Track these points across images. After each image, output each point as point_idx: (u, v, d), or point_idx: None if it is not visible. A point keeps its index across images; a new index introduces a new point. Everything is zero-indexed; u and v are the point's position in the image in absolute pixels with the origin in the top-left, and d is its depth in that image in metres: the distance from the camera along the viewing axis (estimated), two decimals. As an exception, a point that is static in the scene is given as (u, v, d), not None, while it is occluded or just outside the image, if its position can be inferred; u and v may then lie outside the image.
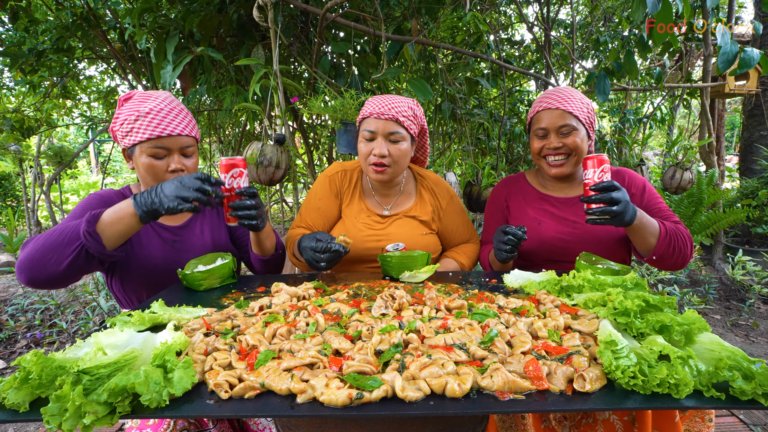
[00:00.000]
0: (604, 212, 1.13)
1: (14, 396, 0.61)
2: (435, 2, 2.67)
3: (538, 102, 1.46)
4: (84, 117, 4.70)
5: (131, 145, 1.21)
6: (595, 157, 1.17)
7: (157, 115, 1.20)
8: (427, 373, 0.65)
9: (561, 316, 0.85)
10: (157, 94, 1.25)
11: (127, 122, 1.20)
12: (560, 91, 1.44)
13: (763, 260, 3.61)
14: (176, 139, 1.23)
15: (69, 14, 2.66)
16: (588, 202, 1.16)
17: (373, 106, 1.43)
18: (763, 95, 4.33)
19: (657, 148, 9.62)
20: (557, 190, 1.54)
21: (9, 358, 2.63)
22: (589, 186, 1.16)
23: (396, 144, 1.42)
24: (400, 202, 1.58)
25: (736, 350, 0.66)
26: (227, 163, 1.17)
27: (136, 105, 1.21)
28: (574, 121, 1.39)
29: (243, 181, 1.19)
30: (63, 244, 1.02)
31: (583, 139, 1.41)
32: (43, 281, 1.04)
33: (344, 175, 1.58)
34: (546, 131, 1.42)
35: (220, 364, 0.71)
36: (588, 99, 1.45)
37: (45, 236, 1.05)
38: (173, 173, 1.24)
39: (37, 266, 1.02)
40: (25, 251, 1.05)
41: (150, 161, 1.21)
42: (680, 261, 1.28)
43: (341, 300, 1.03)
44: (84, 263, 1.05)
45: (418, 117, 1.47)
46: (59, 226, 1.07)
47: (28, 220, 5.07)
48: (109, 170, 10.56)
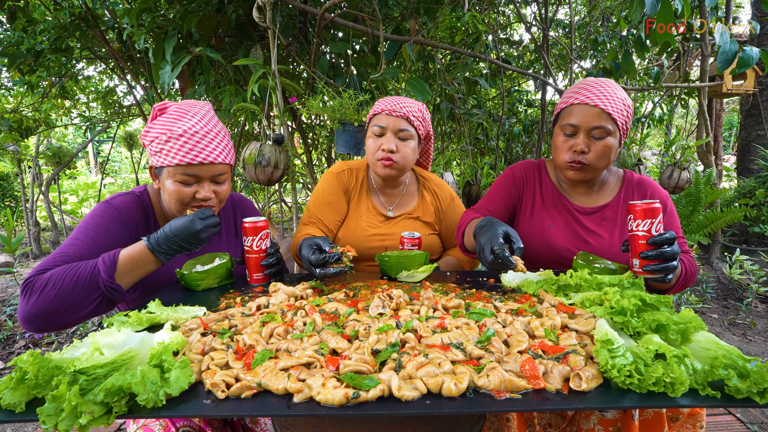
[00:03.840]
0: (665, 270, 1.01)
1: (11, 396, 0.61)
2: (433, 2, 2.68)
3: (574, 92, 1.27)
4: (82, 117, 4.69)
5: (160, 166, 1.12)
6: (649, 205, 1.03)
7: (190, 138, 1.09)
8: (423, 373, 0.66)
9: (558, 316, 0.86)
10: (195, 110, 1.14)
11: (157, 141, 1.10)
12: (601, 85, 1.25)
13: (761, 259, 3.62)
14: (208, 167, 1.13)
15: (67, 14, 2.66)
16: (647, 259, 1.03)
17: (384, 103, 1.46)
18: (761, 95, 4.34)
19: (655, 147, 9.63)
20: (574, 195, 1.41)
21: (7, 358, 2.62)
22: (648, 240, 1.03)
23: (404, 142, 1.44)
24: (404, 203, 1.60)
25: (732, 349, 0.67)
26: (252, 226, 1.18)
27: (170, 123, 1.10)
28: (610, 124, 1.22)
29: (267, 241, 1.20)
30: (81, 295, 0.96)
31: (614, 147, 1.25)
32: (56, 329, 1.00)
33: (350, 173, 1.58)
34: (576, 129, 1.25)
35: (217, 364, 0.71)
36: (629, 98, 1.27)
37: (54, 283, 0.96)
38: (200, 201, 1.15)
39: (52, 318, 0.96)
40: (33, 301, 0.95)
41: (178, 187, 1.12)
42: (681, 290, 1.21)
43: (339, 300, 1.03)
44: (104, 310, 1.03)
45: (426, 120, 1.50)
46: (70, 271, 0.98)
47: (27, 221, 5.07)
48: (108, 170, 10.55)
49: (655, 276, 1.03)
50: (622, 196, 1.39)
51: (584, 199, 1.41)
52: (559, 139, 1.30)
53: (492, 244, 1.01)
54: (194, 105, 1.17)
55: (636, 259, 1.06)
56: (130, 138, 5.40)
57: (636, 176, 1.40)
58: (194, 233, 1.06)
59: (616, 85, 1.27)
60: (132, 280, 1.05)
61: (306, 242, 1.19)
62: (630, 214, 1.06)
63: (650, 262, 1.03)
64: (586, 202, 1.41)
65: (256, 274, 1.21)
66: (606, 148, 1.25)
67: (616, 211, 1.38)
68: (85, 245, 1.08)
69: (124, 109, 4.43)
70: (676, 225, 1.29)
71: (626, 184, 1.40)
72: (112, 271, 1.00)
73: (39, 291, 0.96)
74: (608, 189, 1.42)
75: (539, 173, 1.47)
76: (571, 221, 1.39)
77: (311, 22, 2.49)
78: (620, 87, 1.27)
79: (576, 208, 1.40)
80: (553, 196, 1.42)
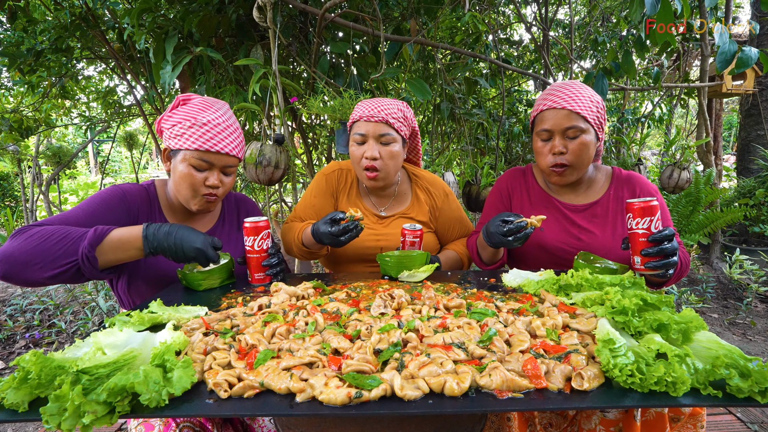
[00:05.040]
0: (666, 266, 1.03)
1: (13, 396, 0.61)
2: (434, 2, 2.68)
3: (543, 99, 1.33)
4: (83, 117, 4.69)
5: (177, 149, 1.19)
6: (647, 203, 1.04)
7: (213, 128, 1.18)
8: (425, 372, 0.66)
9: (559, 315, 0.86)
10: (219, 106, 1.23)
11: (180, 125, 1.17)
12: (566, 87, 1.30)
13: (761, 259, 3.62)
14: (223, 157, 1.21)
15: (67, 14, 2.66)
16: (648, 256, 1.04)
17: (362, 109, 1.42)
18: (760, 95, 4.35)
19: (655, 147, 9.64)
20: (563, 194, 1.44)
21: (8, 358, 2.62)
22: (649, 238, 1.04)
23: (387, 146, 1.41)
24: (396, 204, 1.59)
25: (733, 348, 0.67)
26: (253, 226, 1.19)
27: (195, 112, 1.19)
28: (582, 122, 1.26)
29: (268, 241, 1.22)
30: (56, 255, 0.97)
31: (590, 143, 1.29)
32: (18, 281, 0.98)
33: (341, 174, 1.58)
34: (550, 133, 1.30)
35: (219, 364, 0.71)
36: (597, 95, 1.31)
37: (42, 235, 0.98)
38: (210, 188, 1.22)
39: (19, 265, 0.96)
40: (14, 243, 0.97)
41: (190, 171, 1.19)
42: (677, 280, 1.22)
43: (340, 299, 1.04)
44: (70, 278, 1.01)
45: (408, 119, 1.46)
46: (61, 231, 1.00)
47: (27, 221, 5.06)
48: (108, 170, 10.54)
49: (657, 272, 1.05)
50: (611, 193, 1.41)
51: (573, 197, 1.43)
52: (537, 144, 1.35)
53: (497, 223, 1.22)
54: (217, 101, 1.26)
55: (637, 256, 1.07)
56: (130, 138, 5.40)
57: (624, 172, 1.43)
58: (191, 250, 1.06)
59: (582, 86, 1.31)
60: (112, 259, 1.04)
61: (320, 223, 1.30)
62: (629, 212, 1.08)
63: (651, 259, 1.05)
64: (575, 200, 1.43)
65: (257, 274, 1.21)
66: (582, 145, 1.28)
67: (606, 208, 1.39)
68: (84, 214, 1.11)
69: (124, 109, 4.43)
70: (666, 218, 1.32)
71: (615, 180, 1.43)
72: (97, 242, 1.00)
73: (26, 238, 0.98)
74: (597, 186, 1.43)
75: (525, 179, 1.51)
76: (562, 220, 1.41)
77: (312, 22, 2.49)
78: (587, 87, 1.32)
79: (566, 206, 1.42)
80: (541, 198, 1.45)
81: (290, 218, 1.59)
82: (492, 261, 1.42)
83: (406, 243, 1.35)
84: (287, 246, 1.51)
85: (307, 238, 1.38)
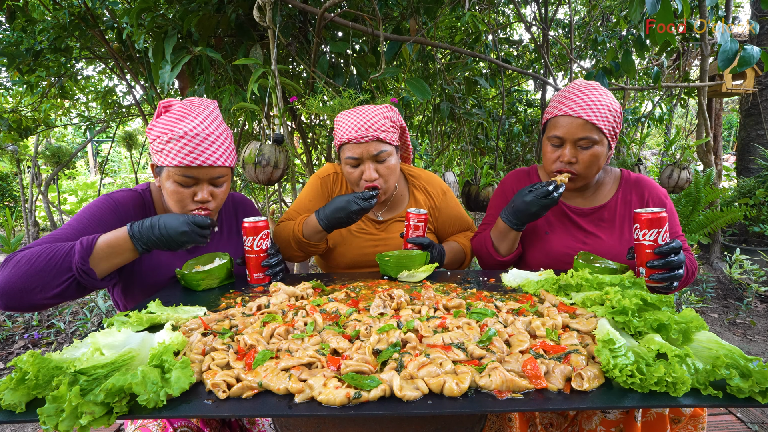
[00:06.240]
0: (672, 278, 1.01)
1: (11, 397, 0.61)
2: (433, 2, 2.67)
3: (559, 102, 1.26)
4: (82, 117, 4.68)
5: (160, 165, 1.13)
6: (656, 215, 1.02)
7: (191, 141, 1.09)
8: (425, 373, 0.65)
9: (559, 315, 0.85)
10: (198, 111, 1.13)
11: (158, 140, 1.10)
12: (585, 93, 1.23)
13: (761, 259, 3.62)
14: (207, 170, 1.12)
15: (66, 14, 2.65)
16: (654, 269, 1.03)
17: (349, 130, 1.33)
18: (760, 95, 4.35)
19: (655, 147, 9.64)
20: (569, 197, 1.41)
21: (6, 358, 2.62)
22: (655, 250, 1.02)
23: (383, 163, 1.36)
24: (394, 207, 1.57)
25: (734, 348, 0.67)
26: (252, 226, 1.18)
27: (172, 123, 1.10)
28: (596, 134, 1.21)
29: (267, 241, 1.21)
30: (50, 275, 0.94)
31: (602, 154, 1.25)
32: (23, 308, 0.96)
33: (336, 177, 1.56)
34: (562, 141, 1.25)
35: (217, 364, 0.71)
36: (616, 102, 1.25)
37: (29, 259, 0.94)
38: (199, 203, 1.15)
39: (17, 293, 0.93)
40: (3, 273, 0.94)
41: (176, 188, 1.12)
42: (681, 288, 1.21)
43: (339, 300, 1.03)
44: (74, 294, 0.99)
45: (396, 123, 1.41)
46: (47, 250, 0.96)
47: (26, 221, 5.06)
48: (108, 170, 10.54)
49: (662, 284, 1.03)
50: (619, 197, 1.38)
51: (580, 201, 1.40)
52: (547, 148, 1.32)
53: (526, 192, 1.26)
54: (199, 104, 1.16)
55: (642, 267, 1.06)
56: (129, 138, 5.39)
57: (633, 175, 1.39)
58: (178, 235, 1.02)
59: (602, 91, 1.25)
60: (108, 266, 1.02)
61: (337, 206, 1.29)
62: (636, 223, 1.06)
63: (657, 271, 1.03)
64: (582, 204, 1.40)
65: (256, 274, 1.21)
66: (593, 156, 1.25)
67: (614, 212, 1.36)
68: (75, 231, 1.08)
69: (123, 109, 4.42)
70: (675, 223, 1.29)
71: (624, 183, 1.40)
72: (87, 254, 0.97)
73: (14, 265, 0.95)
74: (605, 190, 1.41)
75: (529, 180, 1.48)
76: (569, 224, 1.38)
77: (311, 22, 2.49)
78: (606, 91, 1.26)
79: (572, 209, 1.39)
80: None
81: (283, 219, 1.57)
82: (511, 250, 1.36)
83: (410, 227, 1.33)
84: (280, 247, 1.49)
85: (310, 227, 1.35)
